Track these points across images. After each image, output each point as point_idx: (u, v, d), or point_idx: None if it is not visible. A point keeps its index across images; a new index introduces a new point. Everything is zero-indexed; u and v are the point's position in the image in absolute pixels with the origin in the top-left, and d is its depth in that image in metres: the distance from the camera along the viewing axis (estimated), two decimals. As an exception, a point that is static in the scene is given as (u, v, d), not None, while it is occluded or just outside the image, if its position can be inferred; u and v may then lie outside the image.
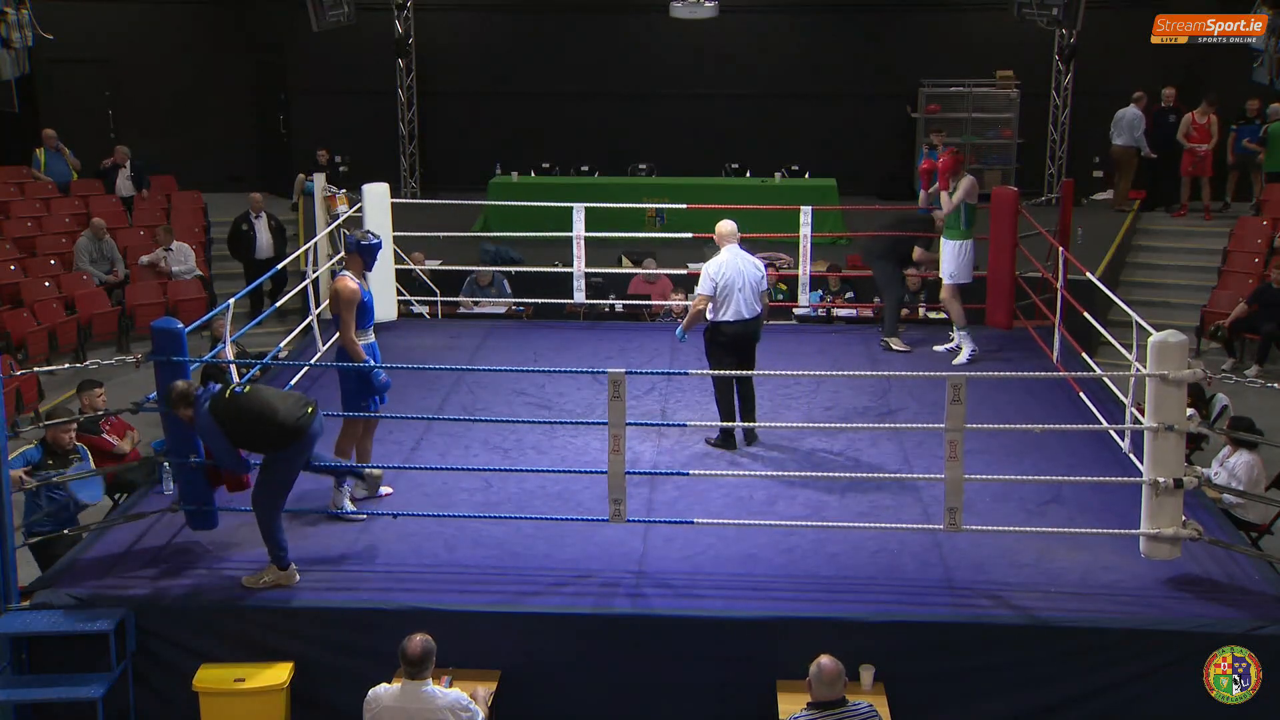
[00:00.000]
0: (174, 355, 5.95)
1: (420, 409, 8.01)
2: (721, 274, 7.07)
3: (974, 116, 16.02)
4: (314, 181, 10.54)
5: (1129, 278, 13.34)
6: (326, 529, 6.30)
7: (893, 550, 6.10)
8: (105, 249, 13.04)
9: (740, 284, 7.07)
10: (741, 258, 7.15)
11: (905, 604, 5.65)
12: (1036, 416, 7.52)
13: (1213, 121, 13.73)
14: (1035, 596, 5.66)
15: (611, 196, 13.48)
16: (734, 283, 7.06)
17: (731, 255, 7.13)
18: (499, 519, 6.38)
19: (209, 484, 6.01)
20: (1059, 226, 9.67)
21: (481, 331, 10.09)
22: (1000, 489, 6.66)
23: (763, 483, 6.86)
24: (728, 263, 7.09)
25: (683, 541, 6.15)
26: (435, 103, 16.55)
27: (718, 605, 5.65)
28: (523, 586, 5.79)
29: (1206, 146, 13.71)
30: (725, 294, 7.07)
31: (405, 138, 16.40)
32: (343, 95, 16.37)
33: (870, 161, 16.03)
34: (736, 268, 7.09)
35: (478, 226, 14.18)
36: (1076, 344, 8.63)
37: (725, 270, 7.07)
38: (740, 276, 7.08)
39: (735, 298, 7.08)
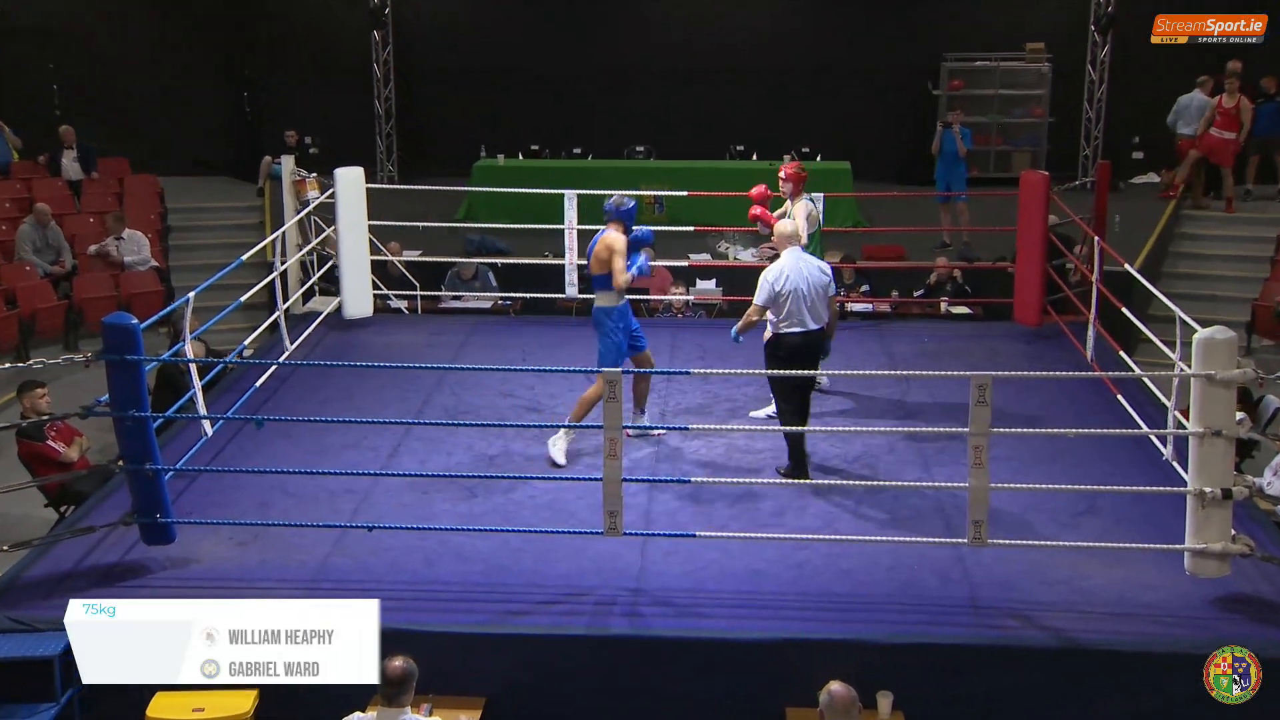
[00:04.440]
0: (127, 354, 5.94)
1: (399, 412, 8.01)
2: (783, 282, 6.91)
3: (1001, 93, 16.02)
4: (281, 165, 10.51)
5: (1171, 269, 13.33)
6: (296, 541, 6.29)
7: (912, 566, 6.10)
8: (50, 237, 13.00)
9: (804, 291, 6.93)
10: (805, 262, 7.01)
11: (926, 624, 5.64)
12: (1069, 420, 7.52)
13: (1243, 106, 13.49)
14: (1068, 617, 5.65)
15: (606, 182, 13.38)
16: (797, 291, 6.92)
17: (793, 260, 6.99)
18: (484, 532, 6.38)
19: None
20: (1094, 213, 9.67)
21: (465, 328, 10.09)
22: (1029, 499, 6.66)
23: (771, 492, 6.86)
24: (789, 268, 6.94)
25: (684, 556, 6.15)
26: (414, 80, 16.54)
27: (722, 625, 5.65)
28: (510, 605, 5.78)
29: (1235, 134, 13.56)
30: (787, 303, 6.92)
31: (381, 118, 16.39)
32: (313, 71, 16.36)
33: (888, 143, 16.03)
34: (800, 273, 6.94)
35: (460, 214, 14.17)
36: (1113, 341, 8.63)
37: (787, 277, 6.91)
38: (804, 283, 6.93)
39: (799, 307, 6.93)
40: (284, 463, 7.16)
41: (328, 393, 8.41)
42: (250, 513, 6.59)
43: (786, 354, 6.96)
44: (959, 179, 13.23)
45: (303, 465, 7.09)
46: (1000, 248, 11.52)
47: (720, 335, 9.44)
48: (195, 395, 7.41)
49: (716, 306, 11.48)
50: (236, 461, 7.29)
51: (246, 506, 6.69)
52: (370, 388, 8.47)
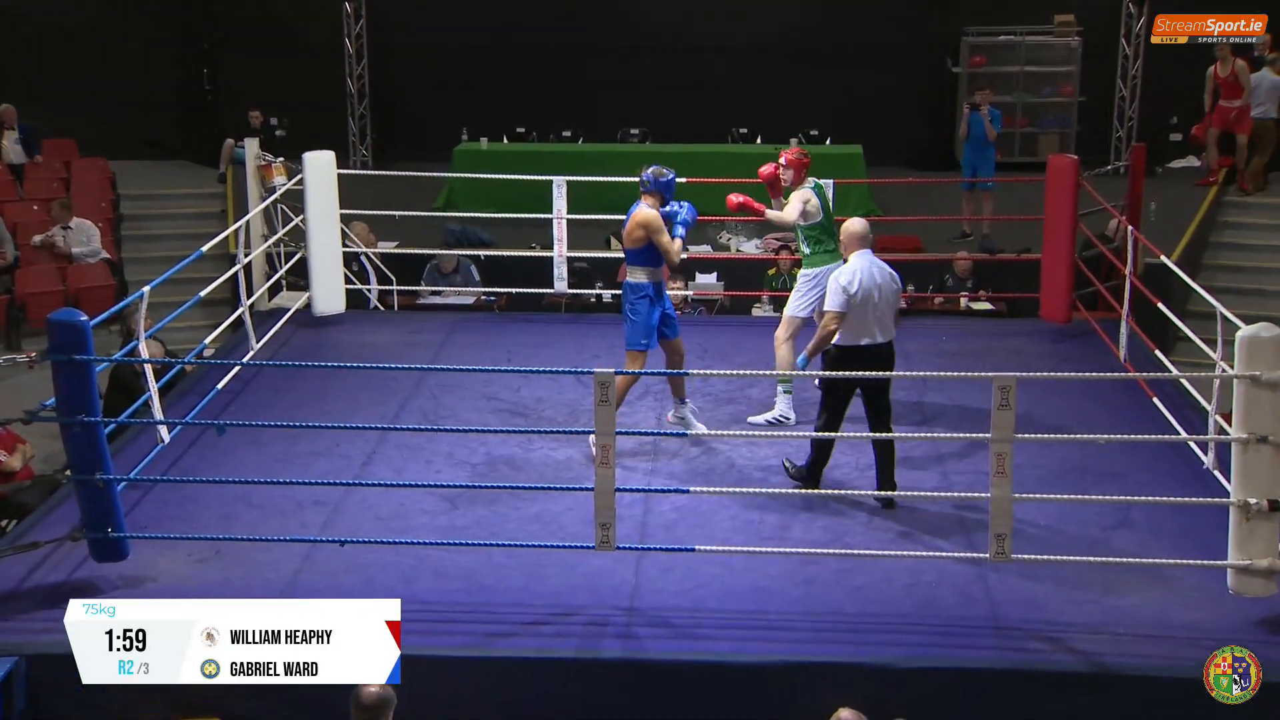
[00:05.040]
0: (76, 354, 5.93)
1: (373, 417, 8.01)
2: (857, 286, 6.77)
3: (1027, 70, 16.07)
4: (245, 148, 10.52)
5: (1212, 260, 13.37)
6: (262, 557, 6.30)
7: (930, 583, 6.11)
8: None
9: (876, 299, 6.80)
10: (877, 266, 6.88)
11: (944, 646, 5.65)
12: (1100, 426, 7.53)
13: (1240, 69, 13.60)
14: (1100, 639, 5.66)
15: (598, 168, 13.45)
16: (870, 298, 6.79)
17: (865, 264, 6.85)
18: (466, 546, 6.38)
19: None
20: (1128, 200, 9.70)
21: (445, 326, 10.10)
22: (1057, 511, 6.68)
23: (776, 503, 6.88)
24: (863, 272, 6.80)
25: (682, 572, 6.16)
26: (390, 56, 16.56)
27: (723, 647, 5.65)
28: (494, 626, 5.79)
29: (1240, 100, 13.71)
30: (856, 312, 6.79)
31: (354, 97, 16.41)
32: (280, 46, 16.36)
33: (903, 125, 16.08)
34: (873, 279, 6.81)
35: (440, 203, 14.20)
36: (1148, 339, 8.66)
37: (860, 282, 6.77)
38: (876, 291, 6.80)
39: (868, 317, 6.80)
40: (248, 472, 7.15)
41: (296, 396, 8.41)
42: (211, 526, 6.59)
43: (850, 369, 6.76)
44: (987, 164, 13.27)
45: (268, 474, 7.09)
46: (1025, 238, 11.55)
47: (722, 333, 9.52)
48: (151, 399, 7.41)
49: (718, 302, 11.51)
50: (196, 471, 7.28)
51: (207, 520, 6.69)
52: (342, 390, 8.47)
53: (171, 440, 7.52)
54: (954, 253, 12.24)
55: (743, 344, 9.26)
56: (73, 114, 15.59)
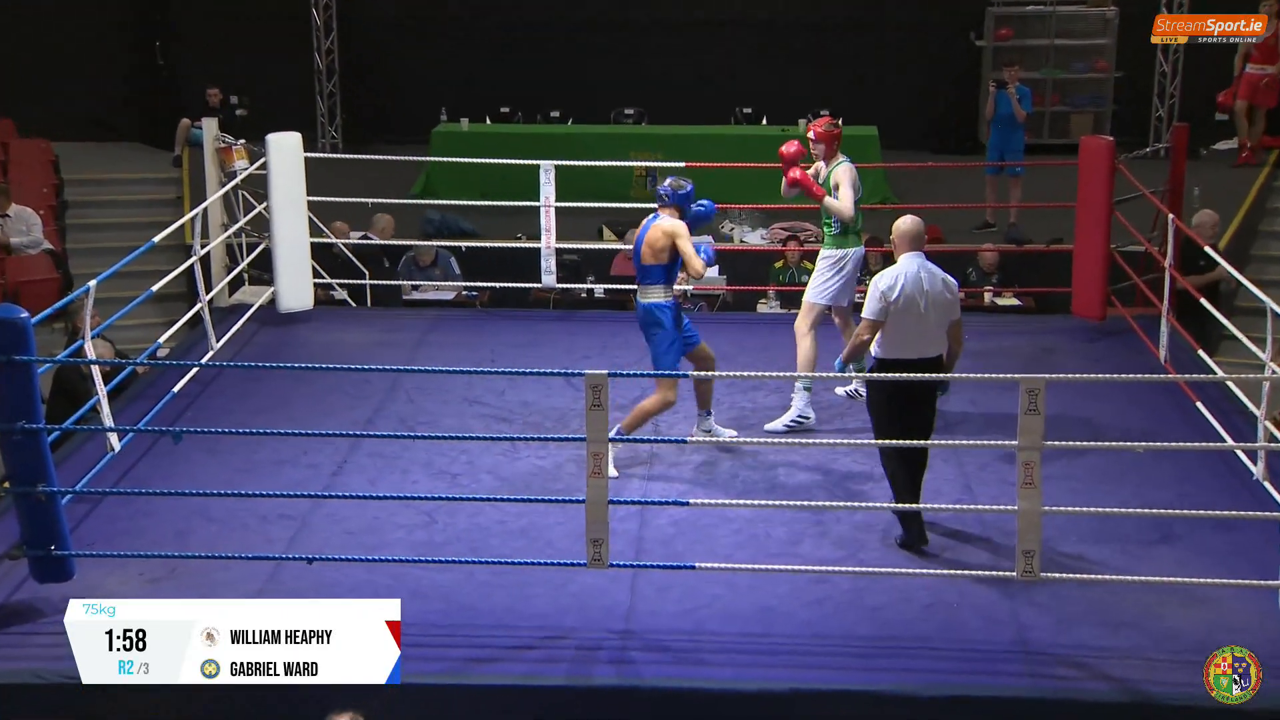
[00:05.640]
0: (16, 354, 5.92)
1: (344, 422, 8.02)
2: (898, 293, 6.60)
3: (1057, 44, 16.08)
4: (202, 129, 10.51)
5: (1263, 251, 13.37)
6: (221, 576, 6.29)
7: (952, 604, 6.12)
8: (-80, 215, 13.01)
9: (922, 307, 6.61)
10: (927, 271, 6.70)
11: (967, 673, 5.66)
12: (1138, 432, 7.54)
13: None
14: (1138, 665, 5.67)
15: (589, 151, 13.50)
16: (911, 307, 6.61)
17: (914, 267, 6.67)
18: (445, 564, 6.39)
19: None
20: (1169, 186, 9.72)
21: (424, 323, 10.12)
22: (1091, 525, 6.69)
23: (784, 516, 6.88)
24: (907, 277, 6.63)
25: (681, 592, 6.17)
26: (362, 29, 16.56)
27: (726, 674, 5.66)
28: (476, 650, 5.80)
29: (1273, 69, 13.81)
30: (896, 320, 6.61)
31: (322, 74, 16.41)
32: (240, 17, 16.34)
33: (922, 105, 16.09)
34: (918, 285, 6.63)
35: (417, 189, 14.20)
36: (1191, 338, 8.67)
37: (903, 288, 6.61)
38: (922, 299, 6.62)
39: (909, 327, 6.63)
40: (206, 483, 7.16)
41: (259, 400, 8.41)
42: (165, 543, 6.58)
43: (893, 386, 6.61)
44: (1015, 147, 13.28)
45: (229, 486, 7.09)
46: (1055, 228, 11.57)
47: (725, 331, 9.50)
48: (99, 403, 7.41)
49: (719, 298, 11.52)
50: (149, 482, 7.28)
51: (161, 536, 6.69)
52: (310, 394, 8.48)
53: (122, 449, 7.53)
54: (978, 244, 12.26)
55: (746, 344, 9.26)
56: (10, 90, 15.53)
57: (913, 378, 6.50)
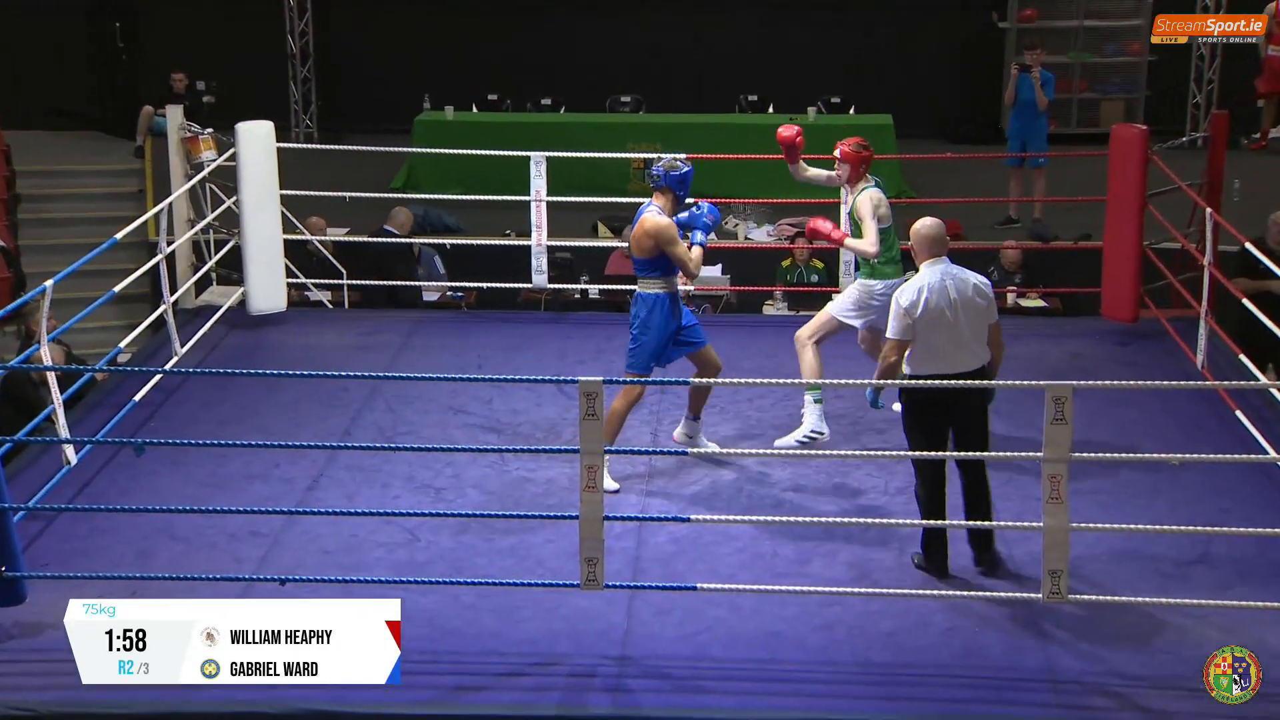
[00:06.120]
0: (-31, 358, 5.96)
1: (320, 433, 8.03)
2: (921, 307, 6.54)
3: (1086, 25, 16.10)
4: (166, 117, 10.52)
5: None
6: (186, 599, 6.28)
7: (972, 628, 6.13)
8: None
9: (951, 317, 6.55)
10: (953, 278, 6.61)
11: (990, 702, 5.66)
12: (1174, 443, 7.54)
13: None
14: (1173, 695, 5.66)
15: (583, 142, 13.51)
16: (940, 318, 6.54)
17: (936, 276, 6.60)
18: (429, 585, 6.38)
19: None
20: (1206, 179, 9.72)
21: (405, 326, 10.13)
22: (1122, 544, 6.70)
23: (791, 533, 6.88)
24: (930, 288, 6.56)
25: (681, 615, 6.17)
26: (338, 10, 16.56)
27: (729, 703, 5.66)
28: (461, 678, 5.79)
29: None
30: (924, 334, 6.56)
31: (296, 58, 16.40)
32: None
33: (939, 91, 16.11)
34: (944, 294, 6.56)
35: (398, 182, 14.20)
36: (1231, 341, 8.68)
37: (926, 301, 6.55)
38: (949, 308, 6.55)
39: (941, 340, 6.57)
40: (171, 499, 7.16)
41: (228, 409, 8.42)
42: (126, 563, 6.59)
43: (920, 405, 6.55)
44: (1038, 137, 13.28)
45: (195, 502, 7.10)
46: (1083, 223, 11.57)
47: (728, 335, 9.50)
48: (54, 413, 7.41)
49: (723, 299, 11.52)
50: (109, 498, 7.28)
51: (121, 555, 6.69)
52: (283, 402, 8.49)
53: (79, 461, 7.52)
54: (1000, 241, 12.25)
55: (752, 347, 9.28)
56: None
57: (934, 386, 6.39)
